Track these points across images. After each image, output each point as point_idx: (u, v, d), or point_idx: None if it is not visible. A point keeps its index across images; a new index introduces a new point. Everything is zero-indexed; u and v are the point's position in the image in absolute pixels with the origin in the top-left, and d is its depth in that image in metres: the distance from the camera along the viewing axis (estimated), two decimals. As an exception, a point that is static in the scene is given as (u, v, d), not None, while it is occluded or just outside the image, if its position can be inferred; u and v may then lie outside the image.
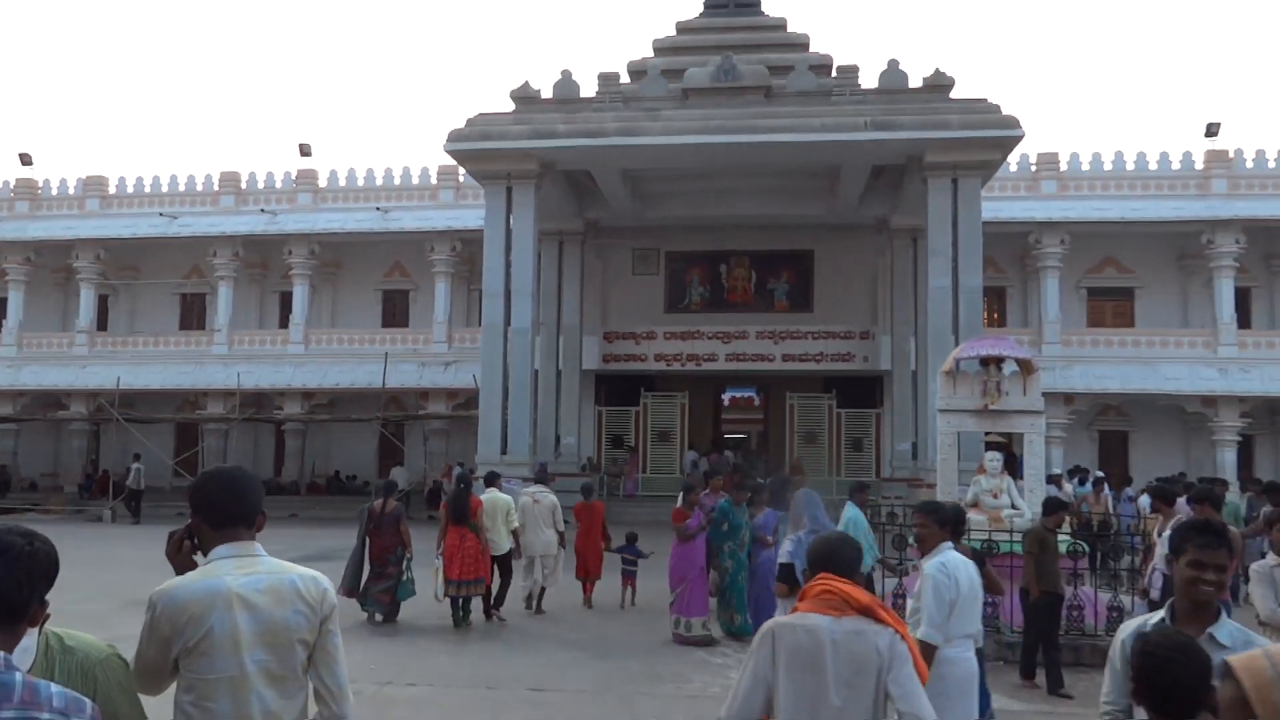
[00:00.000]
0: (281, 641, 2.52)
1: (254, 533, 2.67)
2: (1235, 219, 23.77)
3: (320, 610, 2.60)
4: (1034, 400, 12.42)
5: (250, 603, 2.50)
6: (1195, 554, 2.90)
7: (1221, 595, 2.98)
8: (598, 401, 24.94)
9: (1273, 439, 25.17)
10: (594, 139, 19.02)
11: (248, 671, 2.46)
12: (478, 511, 10.63)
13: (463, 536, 10.33)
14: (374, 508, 11.03)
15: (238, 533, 2.63)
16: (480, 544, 10.45)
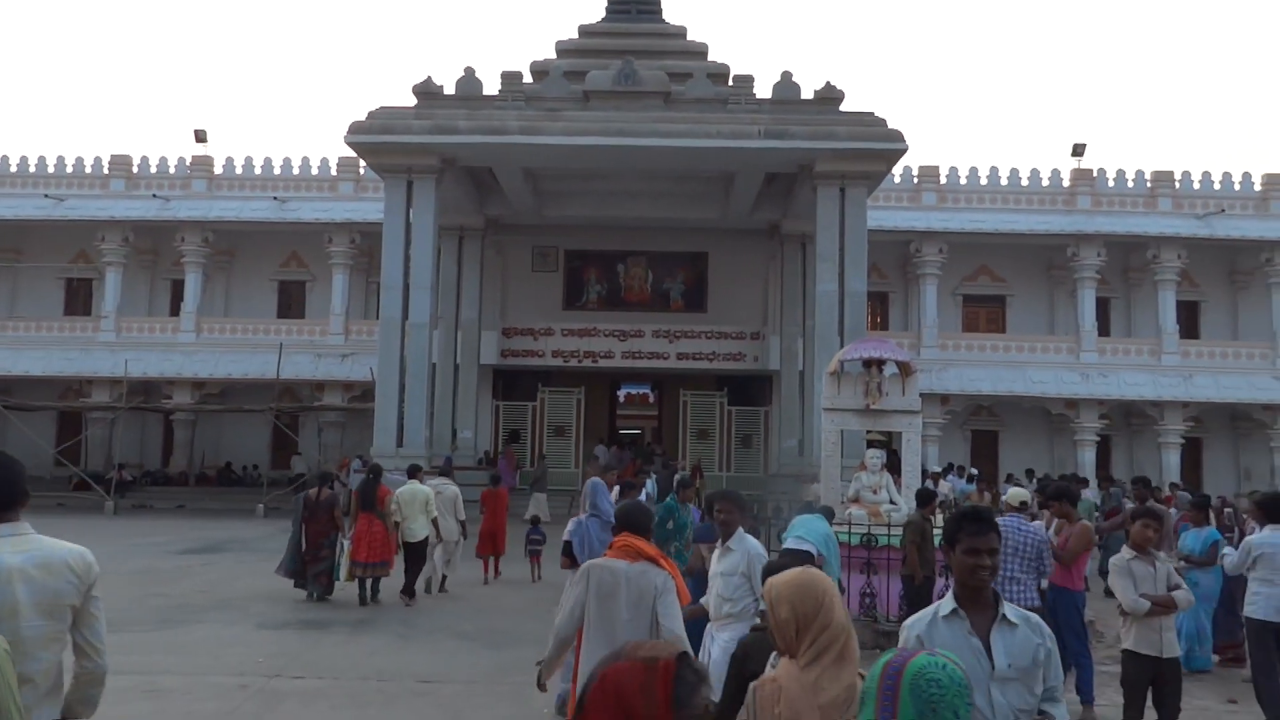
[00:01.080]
0: (55, 608, 2.90)
1: (19, 513, 2.98)
2: (1097, 234, 25.48)
3: (87, 579, 2.98)
4: (912, 400, 13.22)
5: (28, 575, 2.85)
6: (969, 541, 3.03)
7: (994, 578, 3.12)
8: (495, 396, 25.19)
9: (1127, 439, 27.03)
10: (495, 136, 19.31)
11: (24, 636, 2.81)
12: (385, 500, 11.37)
13: (370, 522, 11.13)
14: (309, 495, 11.76)
15: (8, 515, 2.95)
16: (386, 530, 11.15)
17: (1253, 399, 25.04)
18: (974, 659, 2.92)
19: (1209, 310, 27.63)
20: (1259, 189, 26.67)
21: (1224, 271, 27.50)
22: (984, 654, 2.97)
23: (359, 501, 11.35)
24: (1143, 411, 25.64)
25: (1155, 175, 26.68)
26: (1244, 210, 26.36)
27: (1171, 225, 25.78)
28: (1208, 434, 26.77)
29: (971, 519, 3.13)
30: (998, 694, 2.93)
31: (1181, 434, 25.27)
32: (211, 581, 12.99)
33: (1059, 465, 25.34)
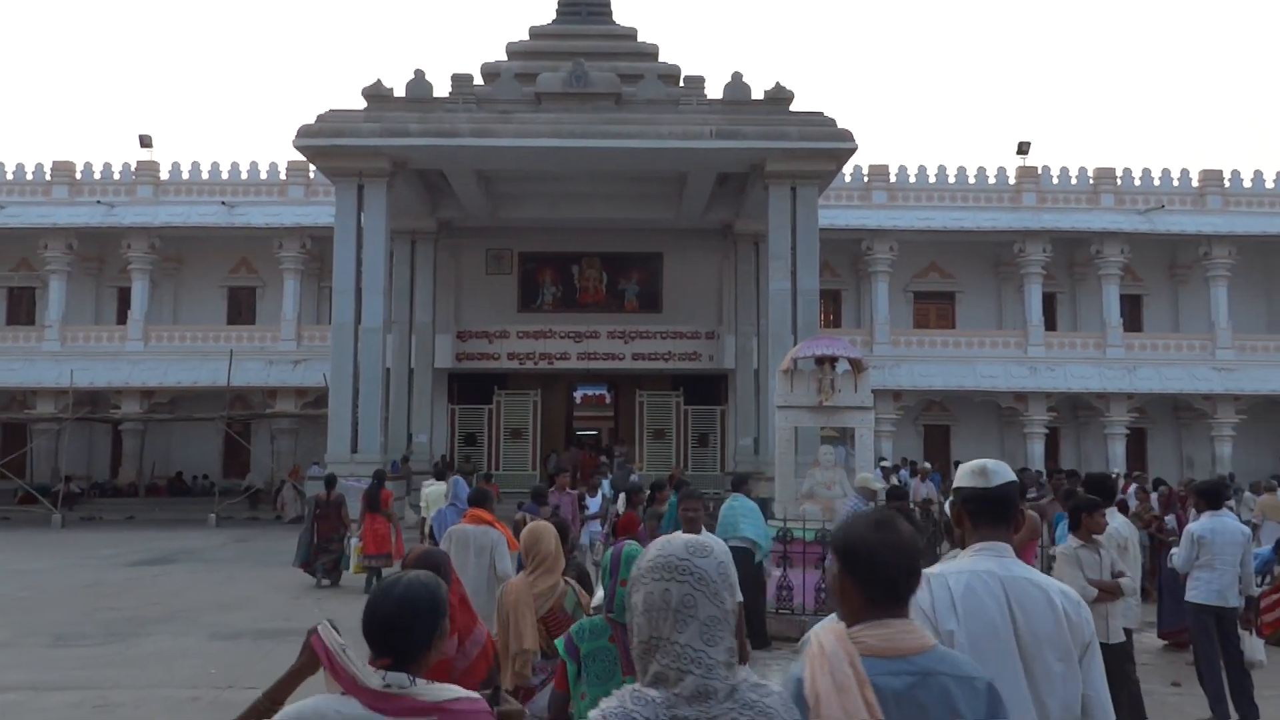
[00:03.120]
0: None
1: None
2: (1043, 230, 25.97)
3: None
4: (864, 397, 13.39)
5: None
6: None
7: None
8: (451, 400, 25.07)
9: (1075, 431, 27.59)
10: (447, 139, 19.21)
11: None
12: (388, 501, 12.99)
13: (374, 521, 12.67)
14: (320, 496, 13.82)
15: None
16: (389, 526, 12.73)
17: (1193, 390, 25.69)
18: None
19: (1151, 304, 28.29)
20: (1196, 185, 27.37)
21: (1164, 266, 28.18)
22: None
23: (365, 503, 12.88)
24: (1089, 403, 26.18)
25: (1098, 172, 27.26)
26: (1183, 206, 27.04)
27: (1114, 221, 26.37)
28: (1151, 424, 27.41)
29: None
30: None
31: (1126, 425, 25.85)
32: (163, 593, 12.82)
33: (1009, 458, 25.68)
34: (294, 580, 13.92)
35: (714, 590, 1.84)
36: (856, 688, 1.88)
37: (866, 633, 2.01)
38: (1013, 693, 2.25)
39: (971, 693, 2.01)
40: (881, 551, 2.06)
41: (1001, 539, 2.50)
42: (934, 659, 2.03)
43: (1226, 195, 27.24)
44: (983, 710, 2.00)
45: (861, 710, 1.85)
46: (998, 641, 2.34)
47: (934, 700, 1.97)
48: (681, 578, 1.83)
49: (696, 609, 1.81)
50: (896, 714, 1.93)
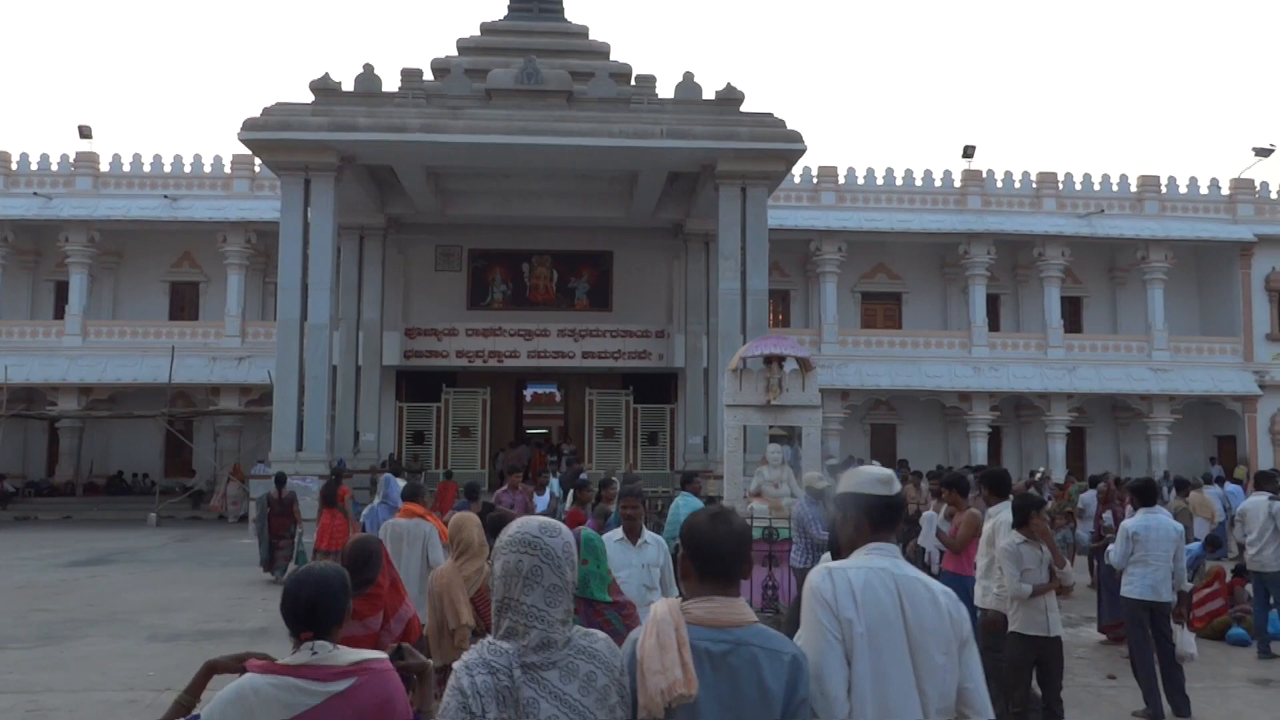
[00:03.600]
0: None
1: None
2: (987, 232, 26.43)
3: None
4: (812, 396, 13.54)
5: None
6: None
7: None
8: (399, 397, 24.83)
9: (1017, 430, 28.12)
10: (396, 134, 19.03)
11: None
12: (344, 497, 13.25)
13: (333, 516, 12.89)
14: (272, 494, 14.15)
15: None
16: (347, 522, 12.85)
17: (1131, 390, 26.33)
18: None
19: (1090, 305, 28.94)
20: (1134, 190, 28.05)
21: (1104, 268, 28.86)
22: None
23: (323, 499, 13.08)
24: (1031, 403, 26.70)
25: (1040, 176, 27.80)
26: (1121, 210, 27.69)
27: (1055, 225, 26.92)
28: (1090, 424, 28.05)
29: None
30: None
31: (1067, 424, 26.41)
32: (100, 594, 12.54)
33: (953, 456, 26.24)
34: (236, 580, 13.73)
35: (557, 564, 2.30)
36: (675, 647, 2.28)
37: (696, 606, 2.40)
38: (900, 679, 2.55)
39: (777, 662, 2.36)
40: (715, 540, 2.45)
41: (891, 541, 2.78)
42: (750, 633, 2.39)
43: (1163, 200, 27.95)
44: (784, 676, 2.34)
45: (676, 666, 2.25)
46: (890, 632, 2.58)
47: (743, 664, 2.34)
48: (532, 552, 2.29)
49: (542, 577, 2.27)
50: (711, 674, 2.32)
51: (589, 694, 2.26)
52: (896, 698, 2.52)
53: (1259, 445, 26.90)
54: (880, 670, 2.55)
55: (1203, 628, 10.84)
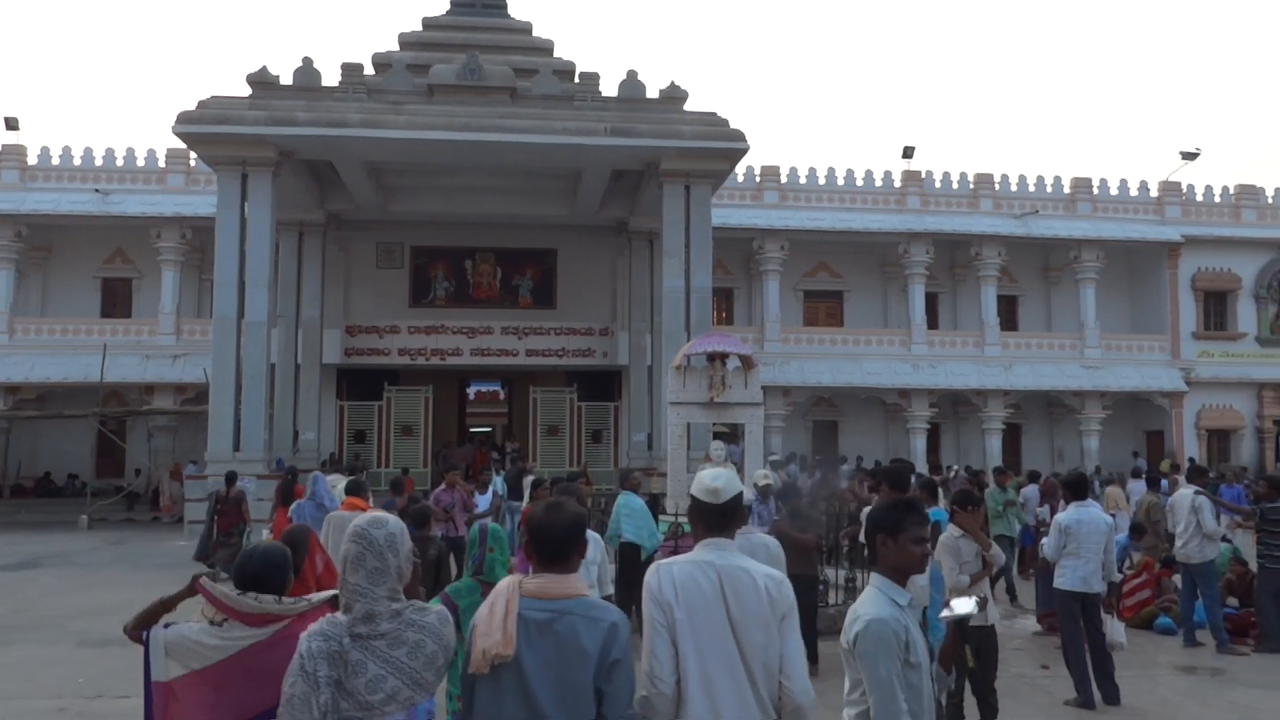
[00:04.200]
0: None
1: None
2: (926, 232, 26.88)
3: None
4: (754, 393, 13.63)
5: None
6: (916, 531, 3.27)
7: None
8: (339, 396, 24.50)
9: (955, 426, 28.65)
10: (336, 129, 18.75)
11: None
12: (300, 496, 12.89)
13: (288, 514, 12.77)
14: (221, 492, 14.01)
15: None
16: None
17: (1064, 386, 26.99)
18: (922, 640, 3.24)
19: (1026, 304, 29.60)
20: (1068, 191, 28.73)
21: (1039, 268, 29.52)
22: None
23: (279, 496, 12.79)
24: (968, 400, 27.22)
25: (977, 177, 28.34)
26: (1055, 211, 28.36)
27: (992, 225, 27.47)
28: (1026, 419, 28.69)
29: (916, 510, 3.36)
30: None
31: (1003, 420, 26.98)
32: (28, 600, 12.19)
33: (893, 452, 26.62)
34: (173, 582, 13.38)
35: (379, 551, 2.84)
36: (504, 615, 2.78)
37: (530, 581, 2.88)
38: (721, 654, 3.02)
39: (595, 628, 2.80)
40: (547, 526, 2.93)
41: (726, 536, 3.22)
42: (574, 604, 2.85)
43: (1095, 202, 28.67)
44: (600, 640, 2.78)
45: (499, 630, 2.76)
46: (710, 615, 3.04)
47: (564, 630, 2.79)
48: (359, 541, 2.85)
49: (365, 562, 2.82)
50: (537, 638, 2.79)
51: (417, 658, 2.80)
52: (718, 671, 2.99)
53: (1185, 440, 27.74)
54: (701, 648, 3.01)
55: (1131, 617, 11.16)
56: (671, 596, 3.05)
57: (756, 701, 3.01)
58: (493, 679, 2.79)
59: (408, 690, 2.78)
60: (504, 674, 2.77)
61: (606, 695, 2.78)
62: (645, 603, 3.10)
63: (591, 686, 2.78)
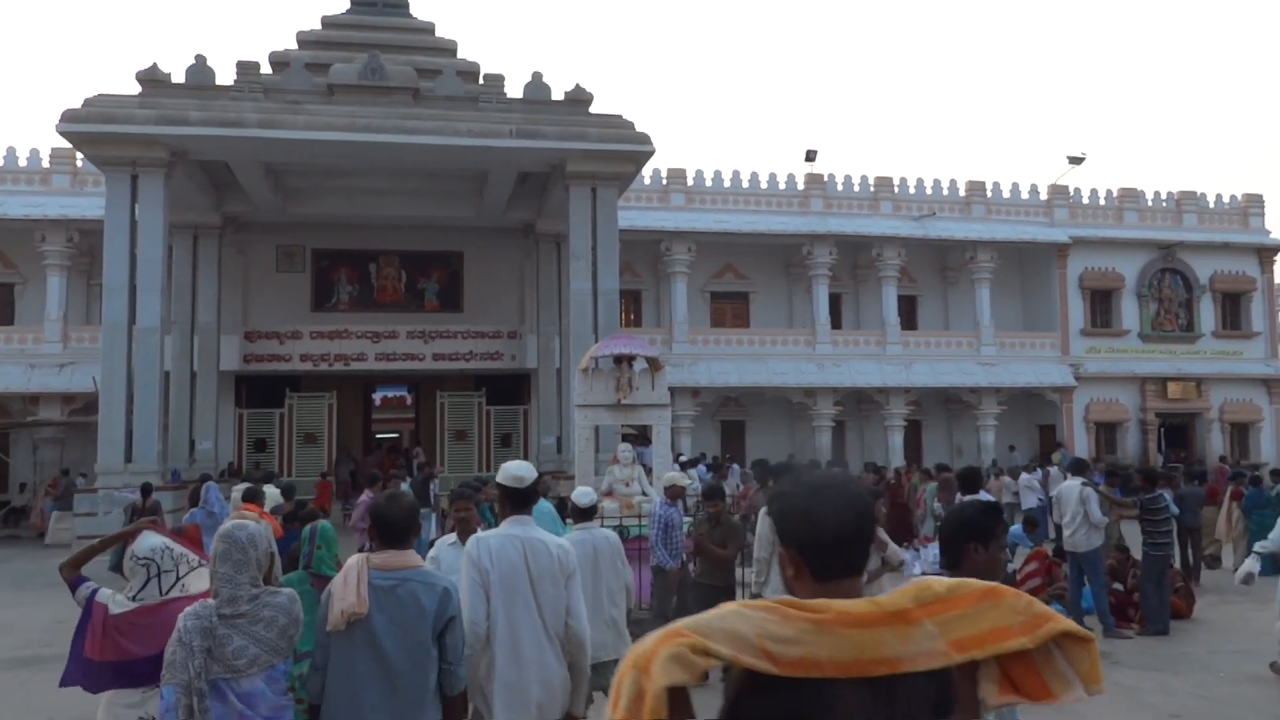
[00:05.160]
0: None
1: None
2: (829, 234, 27.42)
3: None
4: (661, 394, 13.72)
5: None
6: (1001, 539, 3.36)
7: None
8: (238, 404, 23.81)
9: (859, 424, 29.28)
10: (231, 129, 18.23)
11: None
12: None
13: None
14: (137, 504, 13.93)
15: None
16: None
17: (962, 383, 27.83)
18: None
19: (925, 304, 30.43)
20: (963, 194, 29.63)
21: (936, 268, 30.39)
22: None
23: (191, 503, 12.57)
24: (871, 398, 27.84)
25: (878, 180, 29.02)
26: (951, 213, 29.22)
27: (892, 227, 28.16)
28: (926, 416, 29.48)
29: (1001, 516, 3.38)
30: None
31: (904, 417, 27.68)
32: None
33: (799, 450, 27.08)
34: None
35: (241, 547, 3.53)
36: (356, 583, 3.58)
37: (376, 556, 3.71)
38: (523, 606, 4.10)
39: (431, 591, 3.64)
40: (386, 513, 3.77)
41: (526, 514, 4.32)
42: (414, 573, 3.68)
43: (989, 204, 29.64)
44: (436, 600, 3.62)
45: (353, 594, 3.55)
46: (516, 576, 4.10)
47: (406, 594, 3.61)
48: (225, 539, 3.54)
49: (230, 556, 3.51)
50: (384, 600, 3.58)
51: (272, 630, 3.51)
52: (520, 618, 4.08)
53: (1075, 433, 28.88)
54: (509, 601, 4.07)
55: (1025, 606, 11.55)
56: (488, 562, 4.08)
57: (547, 637, 4.12)
58: (347, 635, 3.56)
59: (266, 656, 3.52)
60: (357, 631, 3.56)
61: (446, 644, 3.64)
62: (465, 566, 4.11)
63: (431, 639, 3.60)
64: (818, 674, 1.74)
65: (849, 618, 1.78)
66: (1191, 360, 30.07)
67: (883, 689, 1.79)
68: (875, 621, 1.80)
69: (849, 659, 1.75)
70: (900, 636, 1.81)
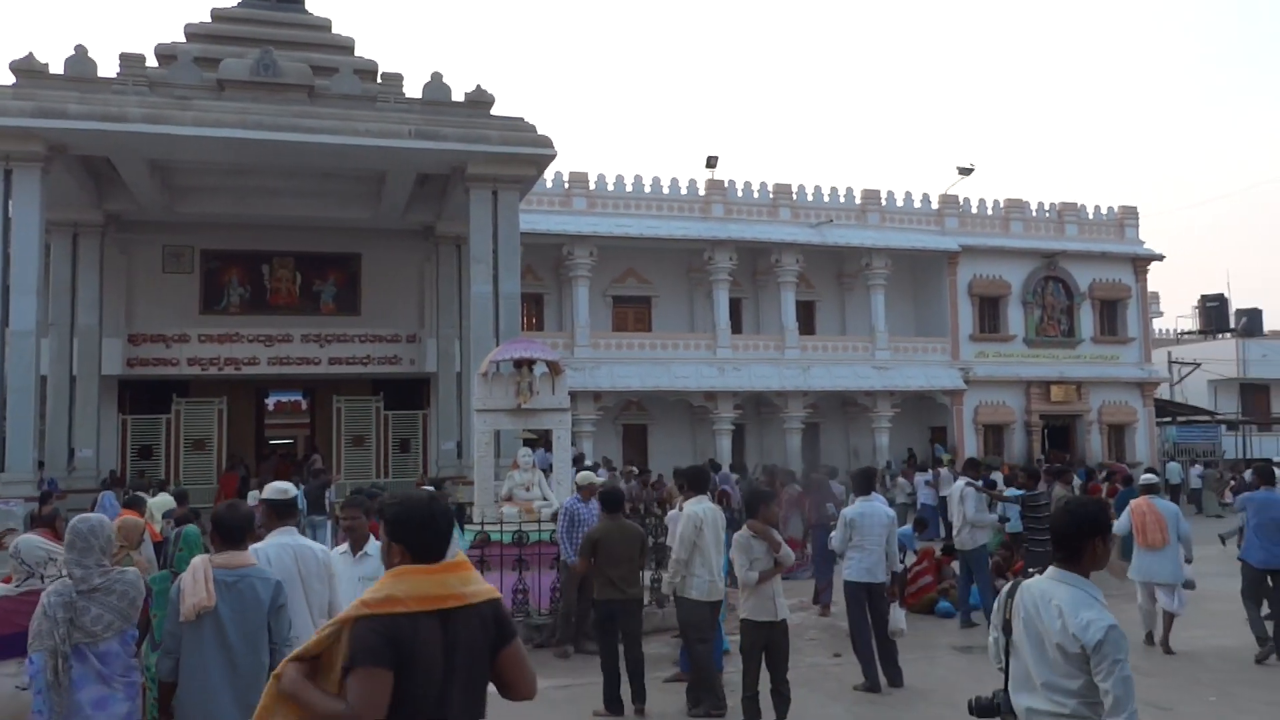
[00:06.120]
0: None
1: None
2: (729, 239, 27.78)
3: None
4: (561, 399, 13.69)
5: None
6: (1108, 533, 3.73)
7: None
8: (122, 409, 22.84)
9: (759, 427, 29.74)
10: (114, 124, 17.42)
11: None
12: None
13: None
14: (34, 512, 13.39)
15: None
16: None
17: (857, 386, 28.54)
18: None
19: (822, 309, 31.11)
20: (859, 202, 30.39)
21: (833, 274, 31.09)
22: None
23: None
24: (770, 401, 28.31)
25: (776, 188, 29.53)
26: (848, 220, 29.93)
27: (790, 233, 28.70)
28: (823, 419, 30.12)
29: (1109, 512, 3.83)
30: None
31: (802, 420, 28.23)
32: None
33: (700, 453, 27.35)
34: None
35: (84, 536, 4.44)
36: (204, 578, 4.26)
37: (216, 557, 4.40)
38: (297, 603, 4.82)
39: (266, 585, 4.39)
40: (227, 518, 4.48)
41: (292, 526, 5.19)
42: (249, 570, 4.41)
43: (883, 212, 30.47)
44: (270, 593, 4.36)
45: (202, 589, 4.21)
46: (291, 578, 4.85)
47: (245, 588, 4.33)
48: (72, 533, 4.43)
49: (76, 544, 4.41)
50: (227, 594, 4.27)
51: (124, 601, 4.44)
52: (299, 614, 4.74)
53: (965, 434, 29.89)
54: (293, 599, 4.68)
55: (915, 603, 11.92)
56: (267, 563, 4.75)
57: (314, 623, 4.76)
58: (197, 625, 4.21)
59: (119, 622, 4.41)
60: (205, 621, 4.22)
61: (273, 628, 4.35)
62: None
63: (265, 625, 4.32)
64: (401, 608, 2.72)
65: (421, 570, 2.81)
66: (1072, 364, 31.45)
67: (452, 616, 2.78)
68: (440, 570, 2.82)
69: (422, 594, 2.75)
70: (460, 579, 2.84)
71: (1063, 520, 3.48)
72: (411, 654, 2.68)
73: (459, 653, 2.76)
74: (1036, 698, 3.34)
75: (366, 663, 2.65)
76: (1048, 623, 3.33)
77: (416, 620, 2.71)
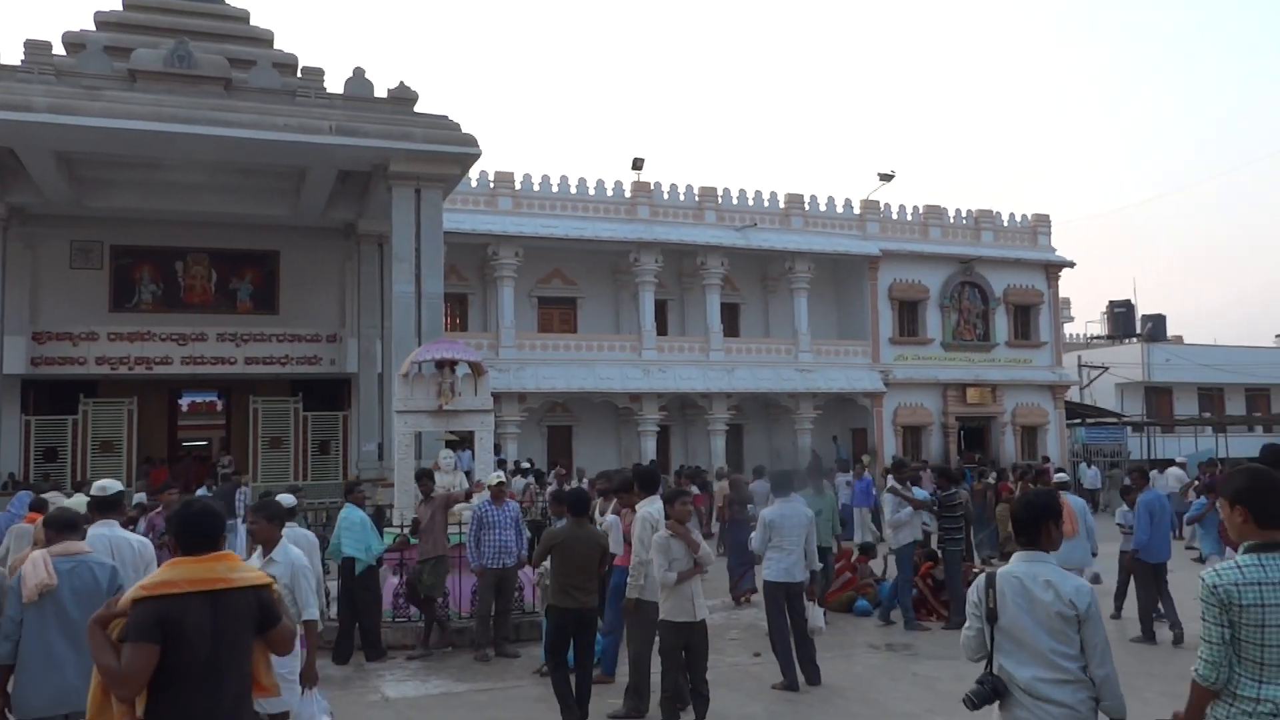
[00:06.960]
0: None
1: None
2: (655, 241, 27.87)
3: None
4: (484, 400, 13.57)
5: None
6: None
7: None
8: (25, 410, 21.98)
9: (683, 428, 29.90)
10: (17, 113, 16.75)
11: None
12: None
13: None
14: None
15: None
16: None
17: (781, 388, 28.87)
18: None
19: (746, 311, 31.40)
20: (783, 206, 30.77)
21: (758, 277, 31.41)
22: None
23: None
24: (695, 403, 28.48)
25: (702, 191, 29.73)
26: (772, 224, 30.27)
27: (715, 236, 28.92)
28: (747, 420, 30.41)
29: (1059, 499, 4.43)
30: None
31: (726, 421, 28.45)
32: None
33: (625, 455, 27.39)
34: None
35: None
36: (44, 564, 4.69)
37: (55, 546, 4.86)
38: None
39: (104, 569, 4.88)
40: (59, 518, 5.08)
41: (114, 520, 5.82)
42: (87, 557, 4.90)
43: (807, 216, 30.90)
44: (107, 577, 4.83)
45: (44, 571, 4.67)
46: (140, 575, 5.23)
47: (84, 571, 4.82)
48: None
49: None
50: (68, 578, 4.72)
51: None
52: None
53: (885, 436, 30.46)
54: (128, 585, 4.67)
55: (834, 601, 12.10)
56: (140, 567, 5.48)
57: None
58: (39, 606, 4.64)
59: None
60: (47, 603, 4.65)
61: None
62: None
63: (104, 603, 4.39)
64: (174, 590, 3.44)
65: (193, 560, 3.56)
66: (988, 368, 32.29)
67: (219, 597, 3.50)
68: (210, 560, 3.56)
69: (193, 578, 3.49)
70: (227, 567, 3.60)
71: (1023, 510, 3.93)
72: (179, 629, 3.39)
73: (227, 624, 3.50)
74: (1040, 668, 3.68)
75: (136, 638, 3.37)
76: (1042, 596, 3.70)
77: (186, 600, 3.43)
